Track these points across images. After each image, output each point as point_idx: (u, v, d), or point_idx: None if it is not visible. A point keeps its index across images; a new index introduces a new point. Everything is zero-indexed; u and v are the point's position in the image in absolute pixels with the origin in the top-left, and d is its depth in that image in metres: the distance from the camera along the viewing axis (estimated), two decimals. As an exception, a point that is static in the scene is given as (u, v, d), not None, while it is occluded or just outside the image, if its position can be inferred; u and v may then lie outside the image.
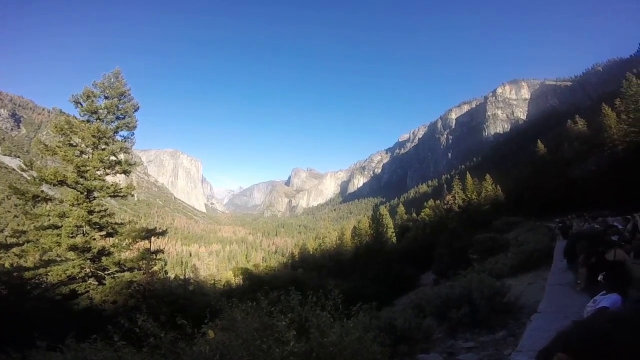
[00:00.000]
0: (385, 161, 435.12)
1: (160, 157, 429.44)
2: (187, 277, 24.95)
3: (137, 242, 14.50)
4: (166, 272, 17.96)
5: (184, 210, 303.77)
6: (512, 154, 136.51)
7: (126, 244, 13.94)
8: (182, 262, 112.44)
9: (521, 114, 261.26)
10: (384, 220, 46.19)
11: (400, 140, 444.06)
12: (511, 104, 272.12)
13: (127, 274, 12.89)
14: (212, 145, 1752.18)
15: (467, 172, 71.10)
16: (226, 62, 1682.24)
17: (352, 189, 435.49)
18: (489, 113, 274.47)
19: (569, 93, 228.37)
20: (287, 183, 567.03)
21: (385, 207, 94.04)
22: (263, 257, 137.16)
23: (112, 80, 13.66)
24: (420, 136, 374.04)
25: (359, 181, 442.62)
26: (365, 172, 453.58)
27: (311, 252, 65.43)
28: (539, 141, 67.50)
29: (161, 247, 18.31)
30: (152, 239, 15.57)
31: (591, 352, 1.15)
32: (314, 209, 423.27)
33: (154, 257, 14.71)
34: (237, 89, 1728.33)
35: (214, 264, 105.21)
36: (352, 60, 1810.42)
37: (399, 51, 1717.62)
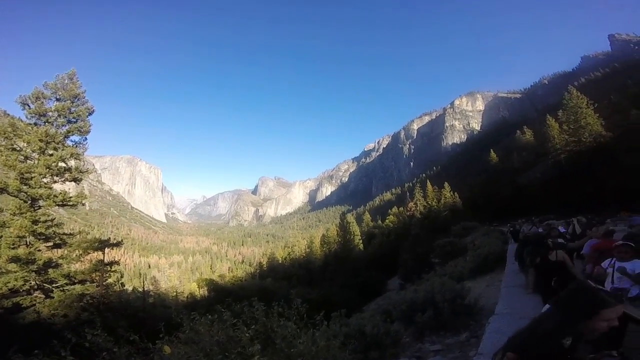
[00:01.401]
0: (352, 170, 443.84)
1: (116, 164, 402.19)
2: (146, 289, 23.66)
3: (89, 253, 13.71)
4: (123, 285, 17.09)
5: (141, 220, 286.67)
6: (468, 163, 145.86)
7: (76, 256, 13.09)
8: (140, 274, 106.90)
9: (476, 124, 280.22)
10: (351, 228, 46.89)
11: (366, 149, 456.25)
12: (467, 115, 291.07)
13: (78, 287, 12.10)
14: (173, 152, 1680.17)
15: (428, 181, 74.64)
16: (188, 66, 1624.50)
17: (320, 197, 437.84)
18: (447, 124, 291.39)
19: (518, 105, 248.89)
20: (254, 192, 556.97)
21: (352, 215, 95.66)
22: (229, 268, 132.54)
23: (66, 81, 12.66)
24: (385, 146, 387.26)
25: (327, 190, 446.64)
26: (333, 181, 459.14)
27: (280, 261, 64.50)
28: (491, 151, 72.71)
29: (117, 259, 17.30)
30: (107, 250, 14.90)
31: (526, 349, 1.36)
32: (282, 217, 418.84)
33: (109, 269, 14.06)
34: (200, 94, 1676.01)
35: (175, 275, 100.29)
36: (321, 72, 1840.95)
37: (367, 63, 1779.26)
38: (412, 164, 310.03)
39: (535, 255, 5.24)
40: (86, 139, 14.05)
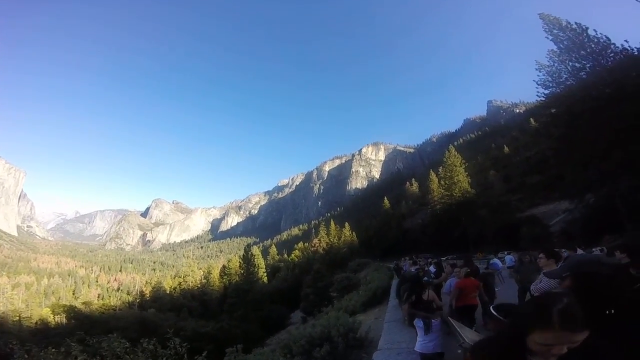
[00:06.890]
0: (262, 203, 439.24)
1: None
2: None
3: None
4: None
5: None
6: (366, 206, 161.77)
7: None
8: (-35, 295, 79.89)
9: (376, 173, 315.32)
10: (255, 260, 45.48)
11: (279, 184, 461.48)
12: (370, 164, 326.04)
13: None
14: (44, 155, 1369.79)
15: (332, 220, 79.43)
16: (75, 61, 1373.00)
17: (225, 227, 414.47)
18: (353, 169, 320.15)
19: (411, 158, 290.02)
20: (145, 214, 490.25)
21: (259, 247, 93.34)
22: (99, 295, 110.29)
23: None
24: (298, 183, 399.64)
25: (234, 220, 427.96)
26: (242, 212, 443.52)
27: (168, 291, 57.78)
28: (385, 198, 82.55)
29: None
30: None
31: None
32: (176, 245, 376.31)
33: None
34: (91, 96, 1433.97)
35: (20, 298, 78.70)
36: (241, 104, 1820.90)
37: (289, 102, 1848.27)
38: (320, 203, 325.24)
39: (412, 294, 6.33)
40: None
